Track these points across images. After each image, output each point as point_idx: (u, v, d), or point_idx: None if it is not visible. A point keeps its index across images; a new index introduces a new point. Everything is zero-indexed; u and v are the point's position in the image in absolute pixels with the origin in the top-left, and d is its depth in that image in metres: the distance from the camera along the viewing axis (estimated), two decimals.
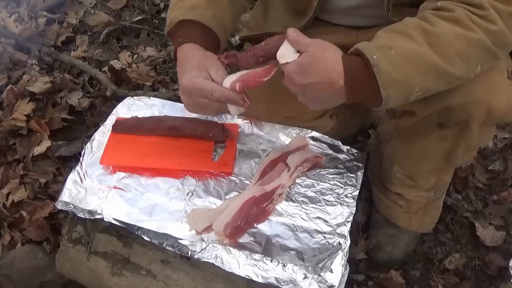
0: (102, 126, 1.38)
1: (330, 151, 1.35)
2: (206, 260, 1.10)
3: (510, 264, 1.34)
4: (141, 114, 1.40)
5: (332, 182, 1.27)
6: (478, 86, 1.13)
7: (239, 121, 1.40)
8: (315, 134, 1.38)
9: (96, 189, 1.23)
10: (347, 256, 1.13)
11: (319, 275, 1.08)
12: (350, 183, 1.27)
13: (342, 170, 1.30)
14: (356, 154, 1.34)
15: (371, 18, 1.29)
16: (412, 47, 1.01)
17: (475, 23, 1.01)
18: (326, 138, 1.38)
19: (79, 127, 1.91)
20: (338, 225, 1.18)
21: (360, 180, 1.28)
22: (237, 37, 2.23)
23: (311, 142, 1.36)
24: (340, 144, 1.37)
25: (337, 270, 1.09)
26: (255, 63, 1.14)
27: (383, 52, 1.00)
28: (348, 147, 1.36)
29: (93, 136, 1.36)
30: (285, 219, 1.19)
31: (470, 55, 1.02)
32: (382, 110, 1.39)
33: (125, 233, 1.20)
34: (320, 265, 1.10)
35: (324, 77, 1.04)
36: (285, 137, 1.38)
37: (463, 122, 1.19)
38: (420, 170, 1.38)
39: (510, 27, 1.03)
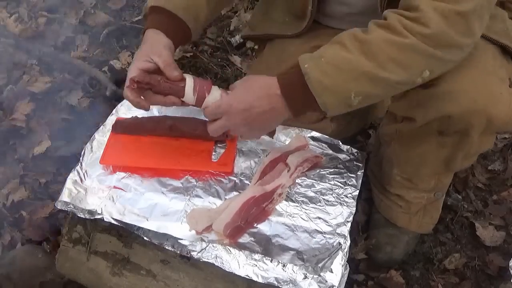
0: (102, 126, 1.38)
1: (330, 151, 1.35)
2: (206, 260, 1.10)
3: (510, 264, 1.34)
4: (141, 114, 1.40)
5: (332, 182, 1.27)
6: (479, 95, 1.12)
7: None
8: (315, 134, 1.38)
9: (96, 189, 1.23)
10: (347, 256, 1.13)
11: (319, 275, 1.08)
12: (350, 183, 1.27)
13: (342, 170, 1.30)
14: (356, 154, 1.34)
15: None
16: (343, 54, 1.04)
17: (407, 28, 1.02)
18: (326, 138, 1.38)
19: (79, 127, 1.91)
20: (338, 225, 1.18)
21: (360, 180, 1.28)
22: (237, 37, 2.24)
23: (311, 142, 1.37)
24: (340, 143, 1.37)
25: (337, 270, 1.09)
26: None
27: (314, 61, 1.05)
28: (348, 147, 1.36)
29: (93, 136, 1.36)
30: (285, 219, 1.19)
31: (405, 60, 1.03)
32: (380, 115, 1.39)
33: (125, 233, 1.20)
34: (320, 265, 1.10)
35: (261, 99, 1.08)
36: (285, 137, 1.38)
37: (463, 130, 1.19)
38: (420, 174, 1.39)
39: (454, 26, 1.02)
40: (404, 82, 1.07)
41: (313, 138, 1.37)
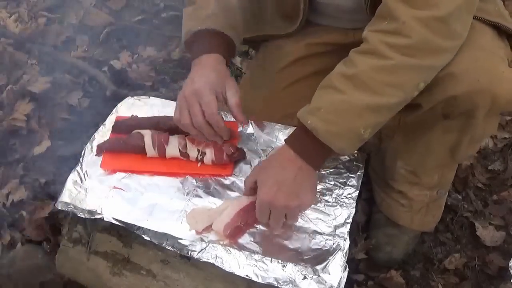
0: (102, 126, 1.38)
1: None
2: (206, 260, 1.10)
3: (510, 264, 1.34)
4: (141, 114, 1.40)
5: (332, 183, 1.27)
6: (482, 75, 1.13)
7: None
8: None
9: (96, 189, 1.23)
10: (347, 257, 1.13)
11: (319, 276, 1.08)
12: (350, 184, 1.26)
13: (342, 170, 1.30)
14: (356, 154, 1.34)
15: (363, 21, 1.30)
16: (338, 98, 1.05)
17: (389, 46, 1.02)
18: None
19: (79, 127, 1.91)
20: (338, 226, 1.18)
21: (360, 181, 1.28)
22: None
23: None
24: None
25: (337, 271, 1.09)
26: None
27: (315, 115, 1.06)
28: None
29: (93, 136, 1.36)
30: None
31: (398, 81, 1.04)
32: None
33: (125, 233, 1.20)
34: (319, 266, 1.10)
35: (280, 164, 1.10)
36: (285, 137, 1.37)
37: (468, 112, 1.19)
38: (424, 165, 1.38)
39: (436, 32, 1.02)
40: (403, 101, 1.08)
41: None
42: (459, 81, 1.13)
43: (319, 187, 1.26)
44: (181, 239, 1.13)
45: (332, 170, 1.30)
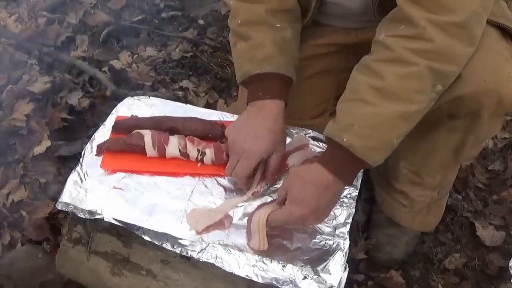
0: (102, 126, 1.38)
1: None
2: (206, 260, 1.10)
3: (510, 264, 1.34)
4: (141, 114, 1.40)
5: None
6: (488, 75, 1.13)
7: None
8: (315, 134, 1.37)
9: (96, 189, 1.23)
10: (347, 257, 1.13)
11: (319, 276, 1.08)
12: None
13: None
14: None
15: (368, 21, 1.30)
16: (370, 111, 1.04)
17: (414, 52, 1.02)
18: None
19: (79, 127, 1.91)
20: (338, 226, 1.18)
21: (360, 180, 1.28)
22: None
23: (311, 141, 1.36)
24: None
25: (337, 271, 1.09)
26: None
27: (349, 132, 1.05)
28: None
29: (93, 136, 1.36)
30: None
31: (425, 86, 1.04)
32: None
33: (125, 233, 1.20)
34: (319, 265, 1.10)
35: (318, 188, 1.08)
36: (288, 138, 1.38)
37: (474, 112, 1.19)
38: (428, 165, 1.39)
39: (455, 37, 1.02)
40: (428, 106, 1.08)
41: (313, 138, 1.37)
42: (465, 81, 1.13)
43: None
44: (181, 239, 1.13)
45: None
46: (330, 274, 1.09)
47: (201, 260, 1.11)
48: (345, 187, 1.19)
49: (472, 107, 1.18)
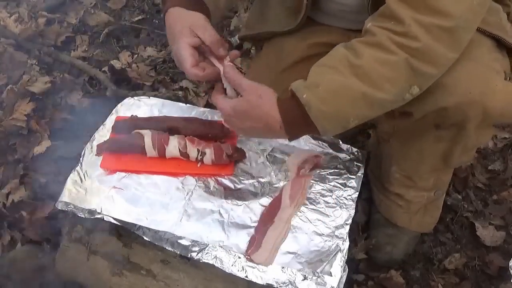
0: (102, 126, 1.39)
1: (330, 150, 1.35)
2: (205, 261, 1.11)
3: (510, 264, 1.34)
4: (141, 114, 1.40)
5: (332, 184, 1.27)
6: (473, 87, 1.12)
7: None
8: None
9: (96, 189, 1.23)
10: (346, 258, 1.13)
11: (318, 277, 1.08)
12: (349, 185, 1.26)
13: (342, 171, 1.30)
14: (356, 153, 1.34)
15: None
16: (339, 80, 1.04)
17: (396, 43, 1.01)
18: (326, 136, 1.37)
19: (79, 127, 1.91)
20: (337, 227, 1.18)
21: (360, 182, 1.28)
22: (237, 37, 2.23)
23: (311, 140, 1.36)
24: (340, 142, 1.37)
25: (336, 272, 1.09)
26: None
27: (312, 90, 1.04)
28: (348, 146, 1.36)
29: (93, 136, 1.36)
30: None
31: (398, 77, 1.03)
32: None
33: (125, 233, 1.21)
34: (319, 267, 1.10)
35: (261, 122, 1.10)
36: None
37: (459, 123, 1.19)
38: (419, 171, 1.38)
39: (439, 40, 1.01)
40: (395, 101, 1.07)
41: (313, 137, 1.37)
42: (450, 92, 1.12)
43: (318, 187, 1.26)
44: (181, 239, 1.13)
45: (332, 170, 1.30)
46: (330, 275, 1.09)
47: (201, 260, 1.11)
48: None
49: (457, 118, 1.17)
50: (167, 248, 1.14)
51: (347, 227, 1.18)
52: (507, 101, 1.15)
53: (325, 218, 1.19)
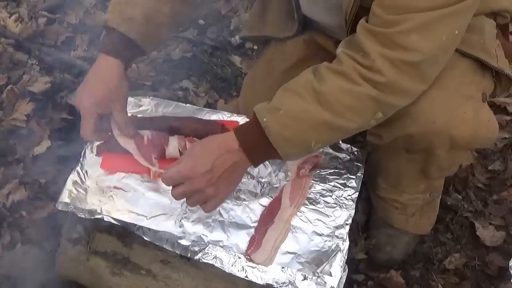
0: None
1: (330, 150, 1.35)
2: (205, 261, 1.11)
3: (510, 264, 1.34)
4: (141, 114, 1.40)
5: (332, 184, 1.27)
6: (438, 116, 1.12)
7: (239, 119, 1.39)
8: None
9: (96, 189, 1.23)
10: (346, 258, 1.13)
11: (318, 277, 1.08)
12: (349, 185, 1.26)
13: (342, 171, 1.30)
14: (356, 153, 1.34)
15: None
16: (301, 105, 1.02)
17: (361, 75, 1.00)
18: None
19: (79, 127, 1.91)
20: (337, 227, 1.18)
21: (360, 182, 1.28)
22: (237, 37, 2.23)
23: None
24: (340, 142, 1.36)
25: (336, 272, 1.09)
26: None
27: (272, 114, 1.03)
28: (348, 146, 1.36)
29: None
30: None
31: (360, 107, 1.02)
32: None
33: (125, 233, 1.21)
34: (319, 267, 1.10)
35: (220, 149, 1.05)
36: None
37: (427, 149, 1.19)
38: (401, 184, 1.40)
39: (405, 74, 1.00)
40: (359, 127, 1.07)
41: None
42: (414, 120, 1.12)
43: (318, 187, 1.26)
44: (181, 239, 1.13)
45: (332, 171, 1.30)
46: (330, 275, 1.09)
47: (201, 260, 1.11)
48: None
49: (424, 145, 1.17)
50: (167, 248, 1.14)
51: (347, 227, 1.18)
52: (475, 129, 1.13)
53: (325, 218, 1.19)
